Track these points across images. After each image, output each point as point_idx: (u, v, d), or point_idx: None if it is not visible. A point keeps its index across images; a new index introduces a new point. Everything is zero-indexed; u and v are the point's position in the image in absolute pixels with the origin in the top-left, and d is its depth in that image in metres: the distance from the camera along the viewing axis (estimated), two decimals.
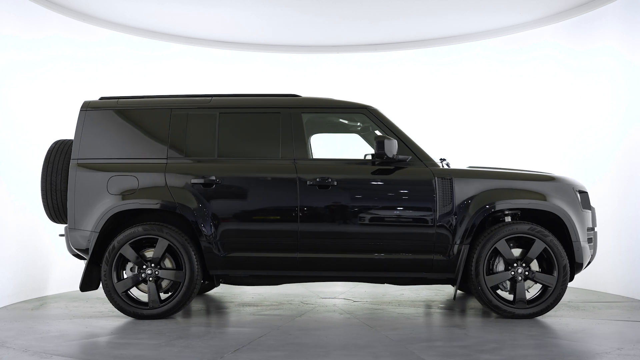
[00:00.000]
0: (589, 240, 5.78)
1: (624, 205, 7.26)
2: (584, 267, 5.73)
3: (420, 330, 5.20)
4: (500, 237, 5.58)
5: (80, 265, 7.82)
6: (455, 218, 5.60)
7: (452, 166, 6.09)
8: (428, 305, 6.44)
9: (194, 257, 5.71)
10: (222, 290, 7.78)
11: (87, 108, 6.09)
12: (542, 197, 5.65)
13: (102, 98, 6.26)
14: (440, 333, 5.13)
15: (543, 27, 8.54)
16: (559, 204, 5.62)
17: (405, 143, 5.79)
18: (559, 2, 7.92)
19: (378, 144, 5.55)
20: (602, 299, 6.98)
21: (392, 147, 5.56)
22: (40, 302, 6.97)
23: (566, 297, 7.02)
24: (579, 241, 5.61)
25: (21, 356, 4.37)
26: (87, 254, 5.83)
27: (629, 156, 7.22)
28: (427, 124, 9.21)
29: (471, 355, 4.29)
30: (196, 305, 6.63)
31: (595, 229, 6.02)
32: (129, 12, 8.24)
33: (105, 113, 6.06)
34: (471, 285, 5.65)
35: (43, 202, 5.98)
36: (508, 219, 5.77)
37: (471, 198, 5.62)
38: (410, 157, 5.72)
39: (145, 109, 6.07)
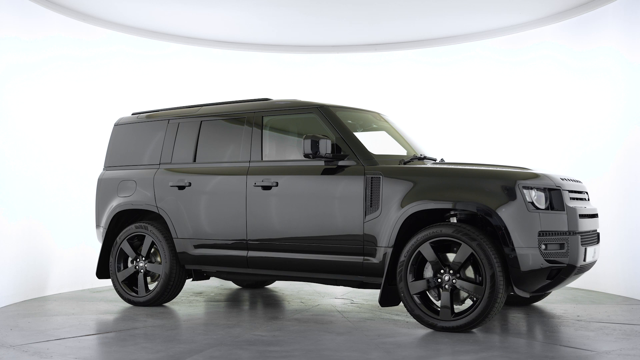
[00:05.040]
0: (560, 245, 4.90)
1: (625, 205, 7.26)
2: (531, 277, 4.84)
3: (291, 335, 5.01)
4: (424, 241, 5.07)
5: (80, 265, 8.01)
6: (381, 219, 5.28)
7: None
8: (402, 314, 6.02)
9: (169, 253, 6.33)
10: (280, 285, 8.13)
11: (118, 124, 7.09)
12: (467, 195, 5.02)
13: (133, 114, 7.12)
14: (298, 336, 4.97)
15: (543, 27, 8.53)
16: (488, 203, 4.91)
17: (346, 141, 5.58)
18: (559, 2, 7.92)
19: (305, 143, 5.39)
20: (602, 299, 6.98)
21: (316, 145, 5.36)
22: (94, 290, 7.51)
23: (565, 297, 7.02)
24: (513, 247, 4.82)
25: (21, 356, 4.37)
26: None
27: (629, 157, 7.22)
28: (428, 124, 9.21)
29: None
30: (221, 297, 6.69)
31: (576, 233, 5.01)
32: (129, 11, 8.23)
33: (127, 127, 6.98)
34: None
35: None
36: (454, 220, 5.23)
37: (397, 198, 5.24)
38: (348, 155, 5.49)
39: (151, 121, 6.83)
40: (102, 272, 6.76)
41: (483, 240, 4.89)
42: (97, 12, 8.19)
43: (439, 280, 5.06)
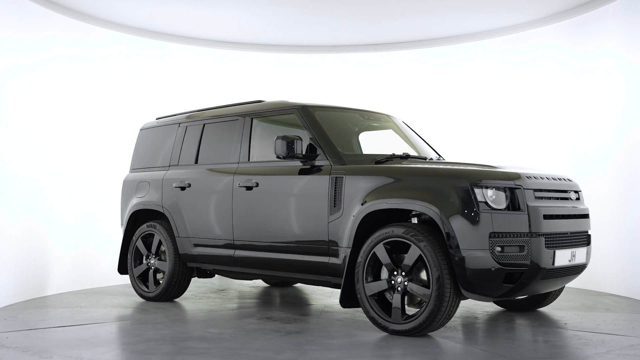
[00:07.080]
0: (519, 247, 4.62)
1: (625, 205, 7.26)
2: (482, 281, 4.59)
3: (238, 333, 5.08)
4: (377, 242, 4.98)
5: (80, 265, 8.04)
6: (343, 220, 5.22)
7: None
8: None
9: (173, 251, 6.62)
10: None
11: (142, 129, 7.45)
12: (417, 195, 4.85)
13: (157, 119, 7.42)
14: (231, 332, 5.09)
15: (543, 27, 8.53)
16: (435, 203, 4.73)
17: (318, 141, 5.56)
18: (559, 2, 7.92)
19: (276, 143, 5.41)
20: (601, 299, 6.98)
21: (287, 146, 5.35)
22: (128, 285, 7.48)
23: (565, 296, 7.02)
24: (458, 248, 4.61)
25: (21, 356, 4.38)
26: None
27: (629, 157, 7.22)
28: (428, 124, 9.20)
29: None
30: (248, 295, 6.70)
31: (539, 235, 4.71)
32: (129, 11, 8.23)
33: (149, 131, 7.33)
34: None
35: None
36: (414, 220, 5.07)
37: (358, 199, 5.16)
38: (319, 155, 5.47)
39: (166, 125, 7.11)
40: (122, 268, 7.16)
41: (430, 241, 4.72)
42: (97, 12, 8.19)
43: (392, 282, 4.96)
